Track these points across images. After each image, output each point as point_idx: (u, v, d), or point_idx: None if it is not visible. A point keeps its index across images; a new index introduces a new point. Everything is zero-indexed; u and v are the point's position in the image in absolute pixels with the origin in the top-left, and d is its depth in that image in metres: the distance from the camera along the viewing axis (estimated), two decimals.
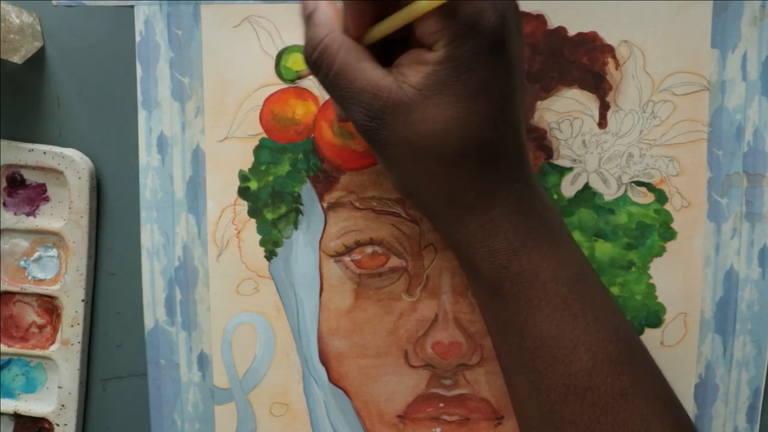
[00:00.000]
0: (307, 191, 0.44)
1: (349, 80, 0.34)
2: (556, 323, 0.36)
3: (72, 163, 0.44)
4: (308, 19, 0.36)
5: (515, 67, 0.35)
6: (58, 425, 0.46)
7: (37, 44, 0.44)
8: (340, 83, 0.35)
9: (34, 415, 0.46)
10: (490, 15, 0.33)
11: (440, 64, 0.33)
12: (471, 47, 0.33)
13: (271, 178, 0.44)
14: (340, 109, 0.39)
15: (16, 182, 0.46)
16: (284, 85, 0.44)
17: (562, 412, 0.36)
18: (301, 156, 0.44)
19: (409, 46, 0.35)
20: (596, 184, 0.43)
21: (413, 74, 0.34)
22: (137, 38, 0.44)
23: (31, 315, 0.47)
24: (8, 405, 0.46)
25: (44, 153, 0.44)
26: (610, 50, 0.43)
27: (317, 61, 0.35)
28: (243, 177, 0.44)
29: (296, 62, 0.44)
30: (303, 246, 0.45)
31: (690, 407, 0.44)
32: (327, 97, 0.44)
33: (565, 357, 0.35)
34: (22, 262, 0.46)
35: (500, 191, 0.36)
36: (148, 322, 0.45)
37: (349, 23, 0.35)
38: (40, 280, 0.46)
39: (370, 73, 0.34)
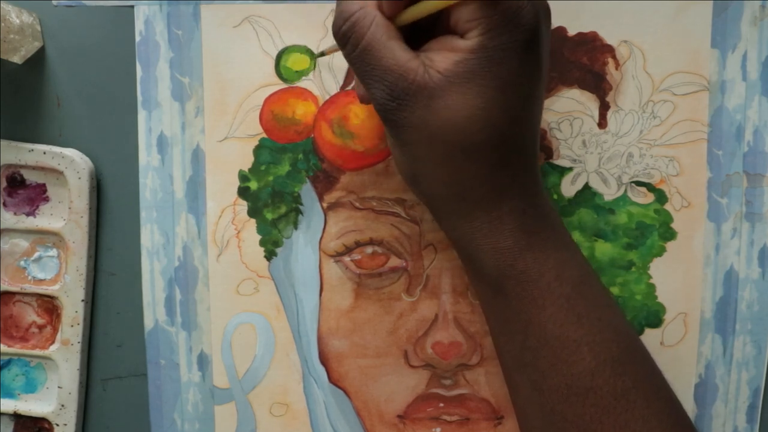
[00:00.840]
0: (307, 191, 0.44)
1: (377, 57, 0.34)
2: (560, 323, 0.36)
3: (72, 163, 0.44)
4: None
5: (543, 67, 0.35)
6: (58, 425, 0.46)
7: (37, 44, 0.44)
8: (366, 59, 0.34)
9: (34, 415, 0.46)
10: (528, 11, 0.33)
11: (473, 52, 0.33)
12: (506, 40, 0.32)
13: (271, 178, 0.44)
14: (362, 89, 0.39)
15: (16, 182, 0.46)
16: (284, 85, 0.44)
17: (564, 412, 0.36)
18: (301, 156, 0.44)
19: (438, 34, 0.35)
20: (596, 184, 0.43)
21: (442, 60, 0.33)
22: (137, 38, 0.44)
23: (31, 315, 0.47)
24: (8, 405, 0.46)
25: (44, 153, 0.44)
26: (610, 50, 0.43)
27: (346, 33, 0.34)
28: (243, 177, 0.44)
29: (296, 62, 0.44)
30: (303, 246, 0.45)
31: (690, 407, 0.44)
32: (327, 97, 0.44)
33: (568, 357, 0.35)
34: (22, 262, 0.46)
35: (512, 188, 0.36)
36: (148, 322, 0.45)
37: (384, 2, 0.35)
38: (40, 280, 0.46)
39: (398, 52, 0.34)
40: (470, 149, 0.34)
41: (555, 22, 0.43)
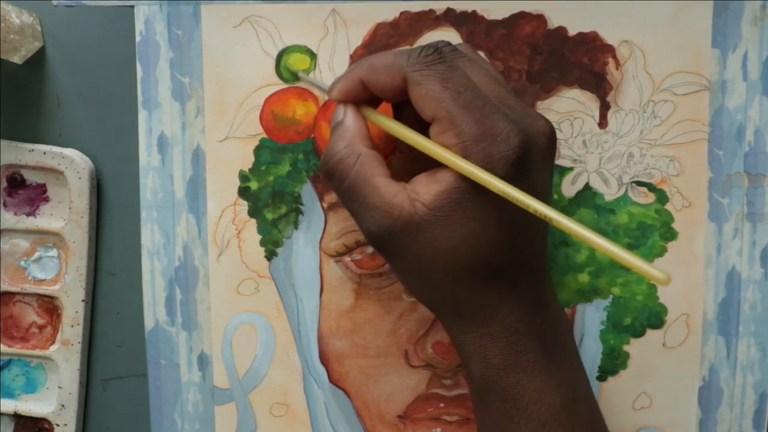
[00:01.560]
0: (307, 191, 0.44)
1: (362, 194, 0.35)
2: None
3: (72, 163, 0.44)
4: (333, 130, 0.37)
5: (536, 194, 0.34)
6: (58, 425, 0.46)
7: (37, 44, 0.45)
8: (352, 196, 0.35)
9: (34, 415, 0.46)
10: (512, 138, 0.33)
11: (454, 183, 0.33)
12: (491, 172, 0.33)
13: (271, 178, 0.44)
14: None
15: (16, 182, 0.46)
16: (284, 85, 0.44)
17: None
18: (301, 156, 0.44)
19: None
20: (597, 184, 0.43)
21: (426, 192, 0.34)
22: (137, 38, 0.44)
23: (31, 315, 0.47)
24: (8, 405, 0.46)
25: (44, 153, 0.45)
26: (610, 50, 0.43)
27: (332, 170, 0.36)
28: (243, 177, 0.44)
29: (296, 62, 0.44)
30: (303, 246, 0.45)
31: (694, 411, 0.44)
32: (327, 97, 0.44)
33: None
34: (22, 262, 0.46)
35: (503, 308, 0.36)
36: (149, 322, 0.45)
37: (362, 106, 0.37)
38: (41, 280, 0.46)
39: (383, 189, 0.35)
40: (457, 275, 0.35)
41: (555, 22, 0.43)
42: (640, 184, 0.43)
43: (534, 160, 0.34)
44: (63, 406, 0.46)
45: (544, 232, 0.38)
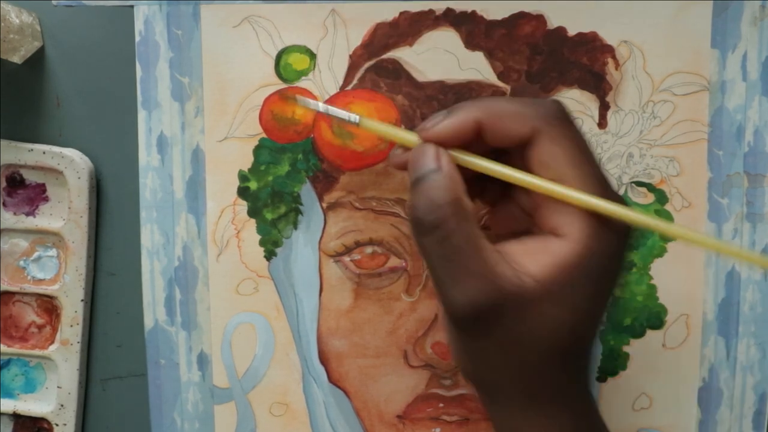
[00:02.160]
0: (306, 191, 0.44)
1: (464, 258, 0.30)
2: None
3: (72, 163, 0.44)
4: (424, 178, 0.32)
5: (623, 269, 0.33)
6: (57, 425, 0.46)
7: (37, 44, 0.45)
8: (450, 258, 0.31)
9: (33, 415, 0.46)
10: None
11: (576, 257, 0.30)
12: (613, 241, 0.31)
13: (270, 178, 0.44)
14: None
15: (15, 182, 0.46)
16: (284, 85, 0.44)
17: None
18: (300, 156, 0.44)
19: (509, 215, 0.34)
20: None
21: (533, 263, 0.30)
22: (137, 38, 0.44)
23: (30, 315, 0.47)
24: (8, 405, 0.47)
25: (44, 153, 0.45)
26: (610, 50, 0.43)
27: (433, 224, 0.31)
28: (243, 177, 0.44)
29: (296, 61, 0.44)
30: (303, 246, 0.45)
31: (694, 412, 0.44)
32: (327, 97, 0.44)
33: None
34: (21, 262, 0.46)
35: (577, 390, 0.33)
36: (148, 322, 0.45)
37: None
38: (40, 280, 0.46)
39: (487, 254, 0.31)
40: (548, 355, 0.31)
41: (555, 22, 0.43)
42: (639, 184, 0.43)
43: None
44: (62, 405, 0.46)
45: None
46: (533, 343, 0.31)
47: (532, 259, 0.30)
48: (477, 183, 0.35)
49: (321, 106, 0.36)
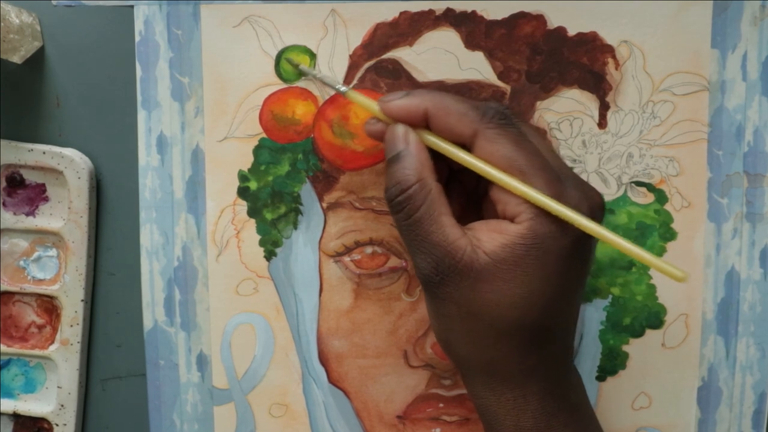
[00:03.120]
0: (306, 191, 0.44)
1: (427, 231, 0.34)
2: None
3: (71, 163, 0.44)
4: (397, 158, 0.36)
5: (588, 266, 0.35)
6: (57, 425, 0.46)
7: (37, 44, 0.45)
8: (415, 231, 0.35)
9: (33, 415, 0.46)
10: (582, 206, 0.33)
11: (521, 238, 0.33)
12: (556, 229, 0.33)
13: (270, 178, 0.44)
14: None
15: (15, 182, 0.46)
16: (284, 85, 0.44)
17: None
18: (300, 156, 0.44)
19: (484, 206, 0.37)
20: (596, 185, 0.43)
21: (489, 241, 0.34)
22: (137, 38, 0.44)
23: (30, 315, 0.47)
24: (8, 405, 0.46)
25: (44, 153, 0.45)
26: (610, 50, 0.43)
27: (402, 203, 0.35)
28: (242, 177, 0.44)
29: (296, 60, 0.44)
30: (302, 246, 0.45)
31: (693, 411, 0.44)
32: (327, 96, 0.44)
33: None
34: (21, 262, 0.46)
35: (539, 371, 0.36)
36: (148, 323, 0.45)
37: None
38: (40, 280, 0.46)
39: (447, 229, 0.34)
40: (504, 331, 0.34)
41: (555, 22, 0.43)
42: (639, 184, 0.43)
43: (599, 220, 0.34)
44: (62, 405, 0.46)
45: (583, 295, 0.38)
46: (490, 317, 0.34)
47: (489, 237, 0.34)
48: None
49: (313, 72, 0.43)
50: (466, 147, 0.35)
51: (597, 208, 0.35)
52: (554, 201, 0.33)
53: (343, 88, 0.40)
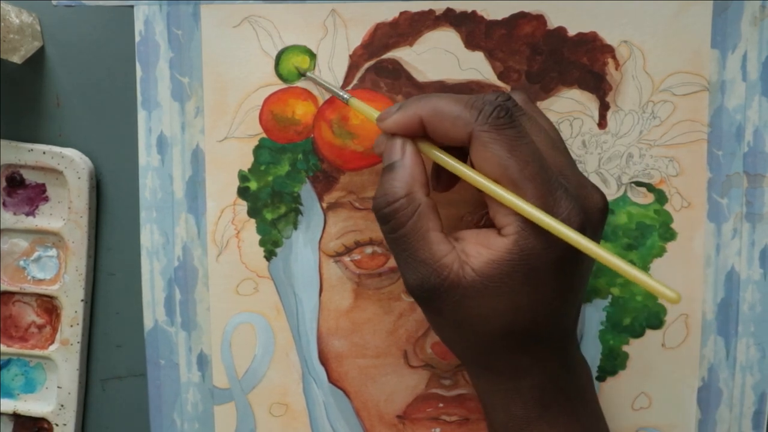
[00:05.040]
0: (306, 191, 0.44)
1: (413, 247, 0.34)
2: None
3: (72, 163, 0.44)
4: (390, 168, 0.36)
5: (584, 279, 0.35)
6: (57, 425, 0.46)
7: (37, 44, 0.45)
8: (402, 245, 0.35)
9: (33, 415, 0.46)
10: (573, 219, 0.33)
11: (508, 254, 0.33)
12: (543, 242, 0.33)
13: (270, 178, 0.44)
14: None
15: (15, 182, 0.46)
16: (284, 85, 0.44)
17: None
18: (300, 156, 0.44)
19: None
20: (596, 185, 0.43)
21: (477, 256, 0.33)
22: (137, 38, 0.44)
23: (30, 315, 0.47)
24: (7, 405, 0.46)
25: (44, 153, 0.45)
26: (610, 50, 0.43)
27: (387, 216, 0.35)
28: (243, 177, 0.44)
29: (298, 63, 0.44)
30: (302, 246, 0.45)
31: (693, 412, 0.44)
32: (327, 97, 0.44)
33: None
34: (21, 262, 0.46)
35: (533, 367, 0.36)
36: (148, 322, 0.45)
37: (434, 183, 0.36)
38: (40, 280, 0.46)
39: (434, 246, 0.34)
40: (494, 338, 0.35)
41: (555, 22, 0.43)
42: (639, 184, 0.43)
43: (588, 236, 0.33)
44: (62, 405, 0.46)
45: (583, 297, 0.38)
46: (480, 326, 0.34)
47: (477, 252, 0.33)
48: None
49: (318, 78, 0.43)
50: (467, 148, 0.35)
51: (594, 212, 0.35)
52: (542, 212, 0.32)
53: (346, 96, 0.40)
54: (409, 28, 0.43)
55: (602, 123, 0.43)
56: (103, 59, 0.45)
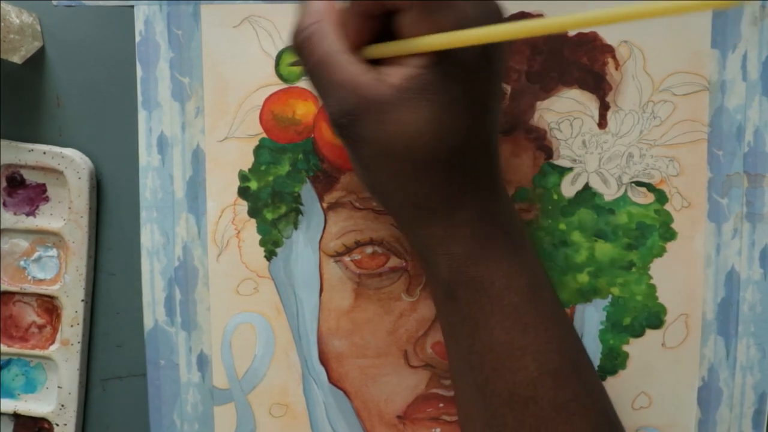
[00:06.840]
0: (307, 191, 0.44)
1: (329, 72, 0.34)
2: (506, 331, 0.36)
3: (72, 163, 0.44)
4: (301, 5, 0.35)
5: (498, 79, 0.35)
6: (57, 425, 0.46)
7: (37, 44, 0.45)
8: (319, 73, 0.34)
9: (33, 415, 0.46)
10: (479, 24, 0.32)
11: (425, 68, 0.32)
12: (458, 54, 0.32)
13: (271, 178, 0.44)
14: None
15: (16, 182, 0.46)
16: (284, 85, 0.44)
17: (505, 417, 0.36)
18: (301, 156, 0.44)
19: (392, 38, 0.34)
20: (596, 185, 0.43)
21: (394, 73, 0.33)
22: (137, 38, 0.44)
23: (30, 315, 0.47)
24: (8, 405, 0.46)
25: (44, 153, 0.45)
26: (610, 50, 0.43)
27: (300, 46, 0.35)
28: (243, 177, 0.44)
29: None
30: (303, 246, 0.45)
31: (693, 411, 0.44)
32: None
33: (512, 364, 0.36)
34: (21, 262, 0.46)
35: (465, 198, 0.36)
36: (148, 322, 0.45)
37: (350, 33, 0.34)
38: (40, 280, 0.46)
39: (350, 67, 0.33)
40: (420, 161, 0.34)
41: None
42: (639, 184, 0.43)
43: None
44: (62, 405, 0.46)
45: (499, 112, 0.37)
46: (401, 150, 0.34)
47: (394, 69, 0.33)
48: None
49: None
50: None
51: (494, 13, 0.34)
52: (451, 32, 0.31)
53: None
54: None
55: (602, 123, 0.43)
56: (104, 59, 0.45)
